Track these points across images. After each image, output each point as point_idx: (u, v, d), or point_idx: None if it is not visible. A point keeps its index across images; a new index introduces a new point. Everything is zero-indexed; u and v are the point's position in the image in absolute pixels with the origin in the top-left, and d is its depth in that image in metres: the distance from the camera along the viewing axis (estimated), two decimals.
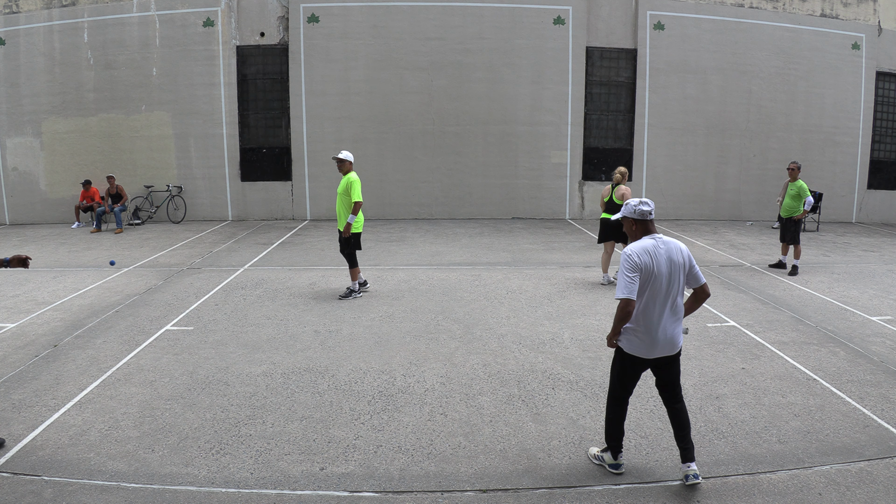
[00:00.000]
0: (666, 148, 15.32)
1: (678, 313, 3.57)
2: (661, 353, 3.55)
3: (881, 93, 15.93)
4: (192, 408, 4.64)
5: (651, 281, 3.45)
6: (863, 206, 16.19)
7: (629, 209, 3.62)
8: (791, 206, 9.50)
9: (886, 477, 3.71)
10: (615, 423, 3.74)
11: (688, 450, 3.61)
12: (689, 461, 3.60)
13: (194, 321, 6.79)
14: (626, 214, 3.64)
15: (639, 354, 3.55)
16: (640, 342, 3.53)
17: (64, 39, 14.39)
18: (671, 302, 3.52)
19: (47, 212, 14.84)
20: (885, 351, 5.97)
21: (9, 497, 3.44)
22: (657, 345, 3.51)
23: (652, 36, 14.96)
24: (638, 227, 3.61)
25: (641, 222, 3.60)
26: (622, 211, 3.69)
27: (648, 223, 3.60)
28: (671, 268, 3.49)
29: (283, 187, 15.06)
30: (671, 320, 3.53)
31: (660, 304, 3.49)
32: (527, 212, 15.34)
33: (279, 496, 3.53)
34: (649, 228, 3.60)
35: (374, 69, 14.71)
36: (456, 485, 3.66)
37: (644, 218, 3.59)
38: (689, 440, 3.64)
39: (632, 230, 3.64)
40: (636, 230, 3.62)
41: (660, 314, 3.49)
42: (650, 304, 3.48)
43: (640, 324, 3.51)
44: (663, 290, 3.48)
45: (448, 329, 6.55)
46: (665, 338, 3.52)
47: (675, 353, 3.60)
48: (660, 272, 3.45)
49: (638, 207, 3.59)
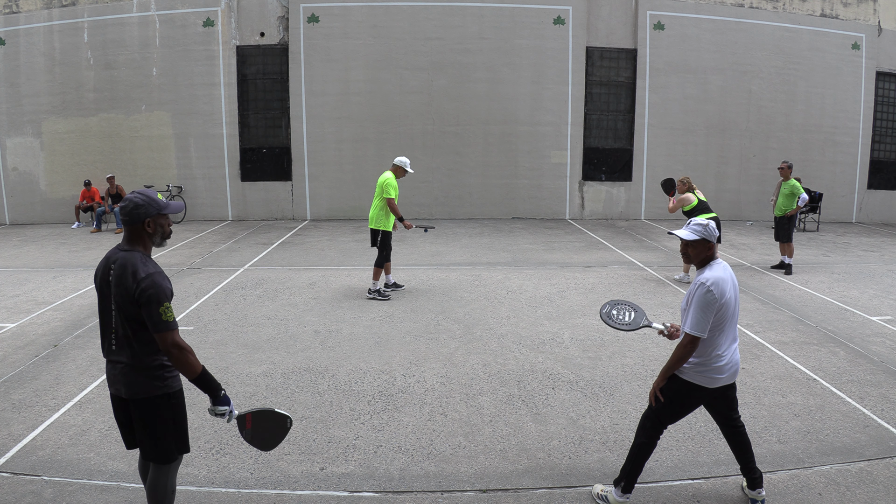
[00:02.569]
0: (666, 148, 15.32)
1: (737, 338, 3.34)
2: (725, 381, 3.26)
3: (881, 93, 15.93)
4: (192, 408, 4.63)
5: (723, 310, 3.14)
6: (863, 206, 16.19)
7: (710, 232, 3.26)
8: (785, 206, 9.54)
9: (886, 477, 3.71)
10: (644, 450, 3.35)
11: (755, 479, 3.39)
12: (757, 487, 3.40)
13: (194, 321, 6.79)
14: (706, 237, 3.26)
15: (703, 384, 3.22)
16: (702, 373, 3.21)
17: (64, 39, 14.39)
18: (734, 328, 3.27)
19: (47, 212, 14.84)
20: (885, 351, 5.96)
21: (9, 497, 3.44)
22: (724, 373, 3.22)
23: (652, 36, 14.96)
24: (712, 251, 3.29)
25: (714, 246, 3.29)
26: (696, 231, 3.26)
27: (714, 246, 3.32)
28: (735, 293, 3.23)
29: (283, 187, 15.06)
30: (734, 346, 3.28)
31: (728, 331, 3.21)
32: (527, 212, 15.34)
33: (279, 496, 3.53)
34: (715, 253, 3.33)
35: (374, 69, 14.71)
36: (456, 485, 3.66)
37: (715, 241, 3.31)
38: (754, 463, 3.41)
39: (706, 254, 3.28)
40: (710, 254, 3.28)
41: (729, 342, 3.22)
42: (718, 333, 3.17)
43: (707, 355, 3.19)
44: (729, 317, 3.19)
45: (448, 329, 6.55)
46: (731, 365, 3.24)
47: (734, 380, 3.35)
48: (729, 299, 3.16)
49: (715, 231, 3.29)
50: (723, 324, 3.16)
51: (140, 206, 2.70)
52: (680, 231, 3.35)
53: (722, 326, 3.16)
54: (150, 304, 2.59)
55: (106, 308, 2.72)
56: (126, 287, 2.61)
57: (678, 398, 3.28)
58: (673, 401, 3.29)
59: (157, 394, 2.74)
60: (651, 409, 3.35)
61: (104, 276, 2.73)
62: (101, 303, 2.76)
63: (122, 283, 2.63)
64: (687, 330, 3.12)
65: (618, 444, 4.10)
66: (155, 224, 2.74)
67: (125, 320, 2.66)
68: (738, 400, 4.83)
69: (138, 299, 2.59)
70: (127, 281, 2.62)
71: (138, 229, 2.72)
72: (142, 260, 2.68)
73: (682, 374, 3.24)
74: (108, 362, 2.80)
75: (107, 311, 2.72)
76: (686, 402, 3.30)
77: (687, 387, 3.24)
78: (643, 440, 3.34)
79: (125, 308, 2.64)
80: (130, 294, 2.60)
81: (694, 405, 3.32)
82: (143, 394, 2.72)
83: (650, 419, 3.34)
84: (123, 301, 2.63)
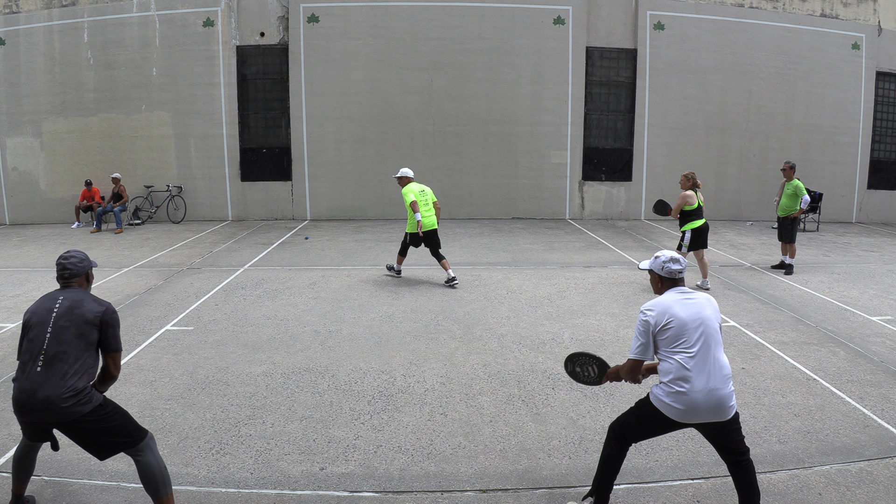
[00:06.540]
0: (666, 148, 15.32)
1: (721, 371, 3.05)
2: (699, 418, 3.02)
3: (881, 93, 15.92)
4: (192, 408, 4.64)
5: (670, 332, 3.05)
6: (863, 206, 16.19)
7: (657, 264, 3.27)
8: (788, 206, 9.52)
9: (886, 477, 3.71)
10: (611, 462, 3.24)
11: None
12: None
13: (194, 321, 6.79)
14: (654, 269, 3.28)
15: (664, 412, 3.06)
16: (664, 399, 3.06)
17: (64, 39, 14.39)
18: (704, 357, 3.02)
19: (47, 212, 14.84)
20: (885, 351, 5.96)
21: (9, 497, 3.44)
22: (688, 406, 2.99)
23: (652, 36, 14.96)
24: (665, 286, 3.27)
25: (669, 280, 3.25)
26: (649, 262, 3.33)
27: (677, 282, 3.24)
28: (696, 316, 3.07)
29: (283, 187, 15.06)
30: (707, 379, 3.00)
31: (693, 361, 3.00)
32: (527, 212, 15.34)
33: (279, 496, 3.53)
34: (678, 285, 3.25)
35: (374, 69, 14.71)
36: (456, 485, 3.66)
37: (672, 277, 3.23)
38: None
39: (657, 286, 3.31)
40: (662, 287, 3.28)
41: (697, 373, 2.99)
42: (675, 359, 3.03)
43: (667, 381, 3.06)
44: (682, 341, 3.03)
45: (448, 329, 6.55)
46: (703, 399, 2.98)
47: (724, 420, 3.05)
48: (676, 322, 3.05)
49: (667, 265, 3.23)
50: (674, 347, 3.03)
51: (84, 259, 3.32)
52: (642, 263, 3.45)
53: (676, 352, 3.02)
54: (114, 325, 3.15)
55: (39, 334, 3.03)
56: (85, 311, 3.07)
57: (645, 419, 3.18)
58: (640, 420, 3.20)
59: (91, 407, 3.02)
60: (618, 419, 3.32)
61: (48, 307, 3.11)
62: (35, 329, 3.05)
63: (79, 308, 3.08)
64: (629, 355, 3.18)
65: None
66: (92, 274, 3.41)
67: (66, 342, 3.00)
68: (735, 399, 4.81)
69: (104, 320, 3.10)
70: (87, 306, 3.09)
71: (83, 278, 3.32)
72: (93, 296, 3.23)
73: (651, 395, 3.15)
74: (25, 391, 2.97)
75: (39, 336, 3.02)
76: (650, 427, 3.19)
77: (654, 411, 3.11)
78: (609, 451, 3.26)
79: (75, 328, 3.03)
80: (92, 316, 3.07)
81: (658, 431, 3.19)
82: (78, 413, 2.97)
83: (614, 428, 3.29)
84: (75, 323, 3.03)
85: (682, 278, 3.27)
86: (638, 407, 3.23)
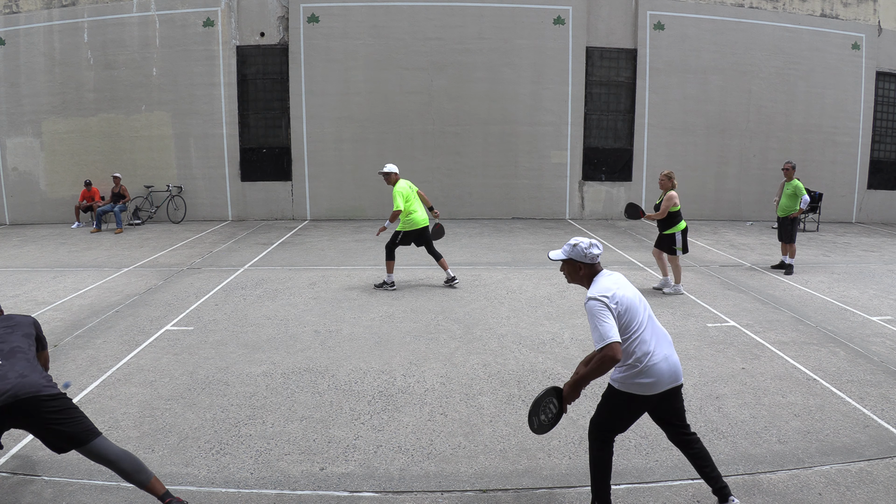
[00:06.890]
0: (666, 148, 15.32)
1: (667, 337, 3.22)
2: (666, 385, 3.12)
3: (881, 93, 15.93)
4: (192, 408, 4.64)
5: (627, 314, 3.06)
6: (863, 206, 16.19)
7: (578, 252, 3.18)
8: (788, 206, 9.53)
9: (886, 477, 3.71)
10: (601, 463, 3.23)
11: (723, 487, 3.25)
12: (727, 497, 3.25)
13: (194, 321, 6.80)
14: (574, 258, 3.20)
15: (638, 392, 3.10)
16: (634, 381, 3.09)
17: (64, 39, 14.39)
18: (654, 329, 3.17)
19: (47, 212, 14.84)
20: (885, 351, 5.96)
21: (9, 497, 3.44)
22: (657, 376, 3.08)
23: (652, 36, 14.96)
24: (585, 272, 3.22)
25: (590, 266, 3.21)
26: (564, 251, 3.24)
27: (595, 266, 3.23)
28: (635, 294, 3.17)
29: (283, 187, 15.07)
30: (663, 346, 3.15)
31: (646, 335, 3.10)
32: (527, 212, 15.34)
33: (279, 496, 3.53)
34: (597, 271, 3.24)
35: (374, 69, 14.71)
36: (456, 485, 3.66)
37: (594, 262, 3.21)
38: (718, 472, 3.28)
39: (578, 274, 3.24)
40: (583, 274, 3.22)
41: (655, 344, 3.11)
42: (634, 340, 3.06)
43: (630, 364, 3.08)
44: (637, 320, 3.09)
45: (448, 329, 6.55)
46: (667, 366, 3.11)
47: (679, 384, 3.20)
48: (626, 299, 3.07)
49: (589, 251, 3.18)
50: (632, 328, 3.05)
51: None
52: (553, 252, 3.33)
53: (634, 332, 3.06)
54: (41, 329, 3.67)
55: None
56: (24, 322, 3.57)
57: (617, 411, 3.20)
58: (612, 413, 3.21)
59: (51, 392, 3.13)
60: (592, 420, 3.29)
61: None
62: None
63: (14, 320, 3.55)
64: (597, 346, 2.94)
65: (617, 444, 4.09)
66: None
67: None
68: (735, 399, 4.86)
69: (37, 328, 3.62)
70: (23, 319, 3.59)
71: None
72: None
73: (615, 384, 3.16)
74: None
75: None
76: (626, 415, 3.21)
77: (624, 398, 3.14)
78: (594, 452, 3.24)
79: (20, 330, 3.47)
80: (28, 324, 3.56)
81: (636, 415, 3.23)
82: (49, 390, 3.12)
83: (592, 430, 3.27)
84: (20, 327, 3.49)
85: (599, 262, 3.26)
86: (606, 399, 3.24)
